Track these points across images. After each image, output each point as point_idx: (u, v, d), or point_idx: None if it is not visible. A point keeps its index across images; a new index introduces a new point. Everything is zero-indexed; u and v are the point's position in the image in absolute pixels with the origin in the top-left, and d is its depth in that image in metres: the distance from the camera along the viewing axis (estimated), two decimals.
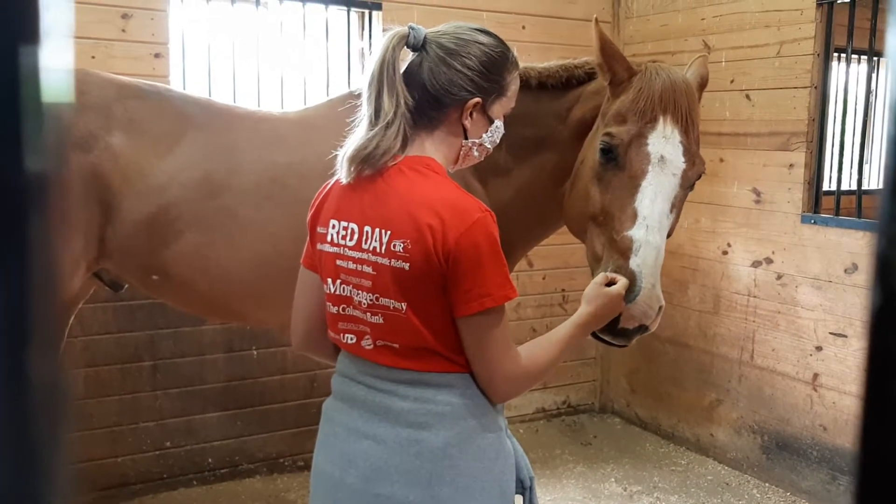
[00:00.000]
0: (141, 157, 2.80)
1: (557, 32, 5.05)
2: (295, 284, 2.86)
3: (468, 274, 1.61)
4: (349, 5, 4.47)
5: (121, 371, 4.06)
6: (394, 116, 1.69)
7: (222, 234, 2.82)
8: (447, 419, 1.69)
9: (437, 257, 1.61)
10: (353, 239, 1.73)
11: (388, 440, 1.70)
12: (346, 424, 1.79)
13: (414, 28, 1.75)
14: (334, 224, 1.78)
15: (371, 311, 1.71)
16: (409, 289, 1.65)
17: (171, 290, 2.94)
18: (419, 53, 1.75)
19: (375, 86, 1.70)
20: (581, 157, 2.55)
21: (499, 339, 1.67)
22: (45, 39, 0.45)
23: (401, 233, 1.65)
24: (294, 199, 2.84)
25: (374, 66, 1.71)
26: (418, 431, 1.69)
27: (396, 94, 1.69)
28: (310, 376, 4.53)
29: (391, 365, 1.72)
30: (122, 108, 2.83)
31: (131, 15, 3.93)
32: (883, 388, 0.50)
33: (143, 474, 4.17)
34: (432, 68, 1.72)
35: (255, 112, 3.15)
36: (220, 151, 2.87)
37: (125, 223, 2.79)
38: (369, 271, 1.70)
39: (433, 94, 1.72)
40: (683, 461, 4.86)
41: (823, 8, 4.12)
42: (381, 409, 1.73)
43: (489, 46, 1.77)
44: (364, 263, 1.70)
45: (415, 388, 1.71)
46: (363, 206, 1.73)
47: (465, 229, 1.61)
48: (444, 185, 1.70)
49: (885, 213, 0.49)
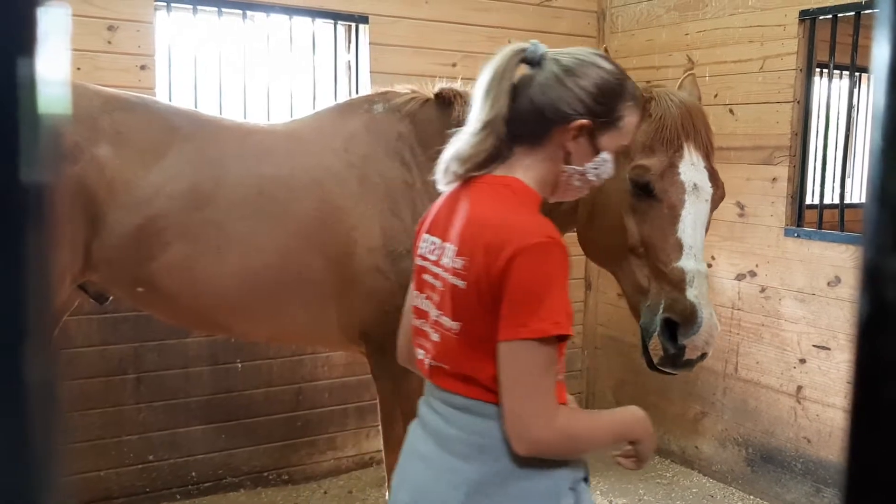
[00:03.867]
0: (127, 169, 2.78)
1: None
2: (280, 298, 2.86)
3: (513, 298, 1.51)
4: (336, 19, 4.48)
5: (104, 384, 4.03)
6: (487, 124, 1.65)
7: (209, 247, 2.81)
8: (487, 454, 1.61)
9: (489, 278, 1.54)
10: (436, 253, 1.71)
11: (434, 465, 1.67)
12: (411, 442, 1.79)
13: (534, 44, 1.71)
14: (426, 238, 1.78)
15: (434, 329, 1.68)
16: (463, 308, 1.60)
17: (157, 302, 2.93)
18: (534, 69, 1.70)
19: (482, 94, 1.68)
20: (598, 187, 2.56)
21: (530, 381, 1.53)
22: (42, 51, 0.45)
23: (463, 250, 1.61)
24: (281, 211, 2.83)
25: (487, 75, 1.68)
26: (459, 461, 1.63)
27: (498, 103, 1.65)
28: (295, 389, 4.51)
29: (444, 387, 1.68)
30: (109, 119, 2.82)
31: (117, 27, 3.92)
32: (871, 397, 0.51)
33: (127, 488, 4.13)
34: (543, 83, 1.66)
35: (243, 124, 3.15)
36: (208, 163, 2.85)
37: (111, 235, 2.77)
38: (440, 287, 1.67)
39: (538, 108, 1.65)
40: (668, 473, 4.87)
41: (806, 23, 4.17)
42: (435, 433, 1.70)
43: (607, 72, 1.69)
44: (438, 278, 1.68)
45: (463, 416, 1.64)
46: (446, 220, 1.71)
47: (520, 251, 1.51)
48: (516, 207, 1.62)
49: (871, 222, 0.50)
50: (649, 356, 2.33)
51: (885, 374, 0.49)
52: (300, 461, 4.57)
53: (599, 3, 5.34)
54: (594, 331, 5.57)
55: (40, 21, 0.45)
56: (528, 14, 5.05)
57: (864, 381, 0.51)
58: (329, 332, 2.97)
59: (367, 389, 4.65)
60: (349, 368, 4.63)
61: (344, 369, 4.63)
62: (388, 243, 2.83)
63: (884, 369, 0.50)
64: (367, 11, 4.53)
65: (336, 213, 2.85)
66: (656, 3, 4.99)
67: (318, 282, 2.85)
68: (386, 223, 2.84)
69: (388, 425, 2.95)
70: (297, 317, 2.92)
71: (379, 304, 2.83)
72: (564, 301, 1.53)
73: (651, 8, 5.03)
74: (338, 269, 2.84)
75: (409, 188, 2.88)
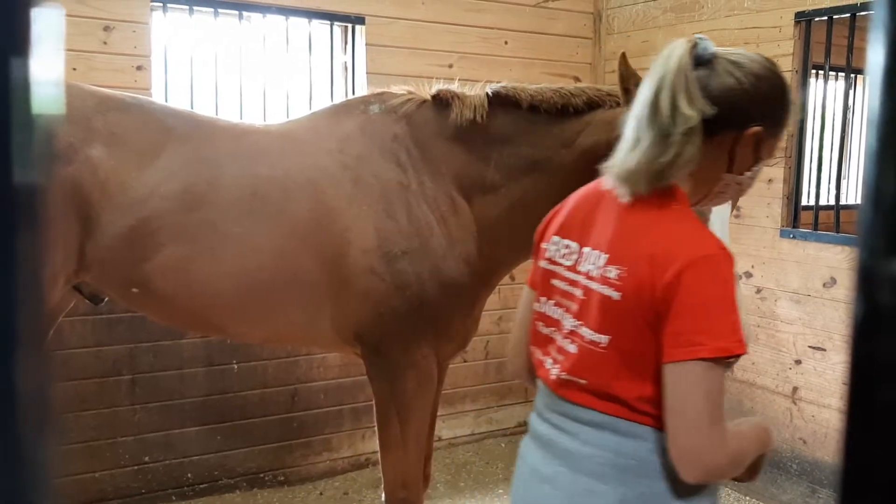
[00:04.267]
0: (121, 170, 2.77)
1: (540, 48, 5.09)
2: (275, 299, 2.86)
3: (684, 314, 1.40)
4: (332, 19, 4.48)
5: (99, 385, 4.02)
6: (695, 126, 1.48)
7: (203, 248, 2.79)
8: (629, 475, 1.50)
9: (653, 291, 1.43)
10: (571, 258, 1.61)
11: (564, 487, 1.56)
12: (531, 464, 1.67)
13: (703, 39, 1.58)
14: (556, 241, 1.67)
15: (570, 339, 1.57)
16: (615, 321, 1.49)
17: (152, 303, 2.92)
18: (706, 67, 1.55)
19: (668, 93, 1.49)
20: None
21: (703, 404, 1.40)
22: (36, 51, 0.45)
23: (619, 258, 1.50)
24: (276, 212, 2.82)
25: (666, 73, 1.52)
26: (595, 482, 1.52)
27: (697, 100, 1.49)
28: (290, 391, 4.51)
29: (578, 402, 1.56)
30: (103, 120, 2.81)
31: (113, 27, 3.92)
32: (866, 399, 0.51)
33: (122, 490, 4.12)
34: (721, 85, 1.52)
35: (238, 125, 3.14)
36: (202, 164, 2.84)
37: (105, 236, 2.76)
38: (579, 295, 1.57)
39: (715, 110, 1.50)
40: None
41: (801, 25, 4.17)
42: (563, 452, 1.58)
43: (779, 77, 1.59)
44: (576, 285, 1.58)
45: (598, 433, 1.53)
46: (588, 225, 1.61)
47: (690, 263, 1.41)
48: (681, 215, 1.52)
49: (866, 225, 0.50)
50: None
51: (880, 375, 0.50)
52: (295, 462, 4.57)
53: (595, 4, 5.34)
54: None
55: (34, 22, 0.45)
56: (524, 15, 5.05)
57: (859, 383, 0.51)
58: (324, 334, 2.97)
59: (362, 390, 4.65)
60: (344, 370, 4.62)
61: (339, 370, 4.63)
62: (383, 244, 2.82)
63: (878, 371, 0.50)
64: (363, 12, 4.53)
65: (330, 214, 2.84)
66: (652, 4, 5.00)
67: (312, 283, 2.85)
68: (381, 224, 2.83)
69: (384, 426, 2.95)
70: (292, 318, 2.92)
71: (373, 306, 2.83)
72: (738, 317, 1.42)
73: (647, 9, 5.04)
74: (332, 270, 2.84)
75: (405, 189, 2.88)
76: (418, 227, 2.85)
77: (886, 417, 0.49)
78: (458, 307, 2.94)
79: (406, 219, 2.83)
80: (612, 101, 2.78)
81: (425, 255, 2.83)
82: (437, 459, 4.80)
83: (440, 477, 4.71)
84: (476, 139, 2.92)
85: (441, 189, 2.92)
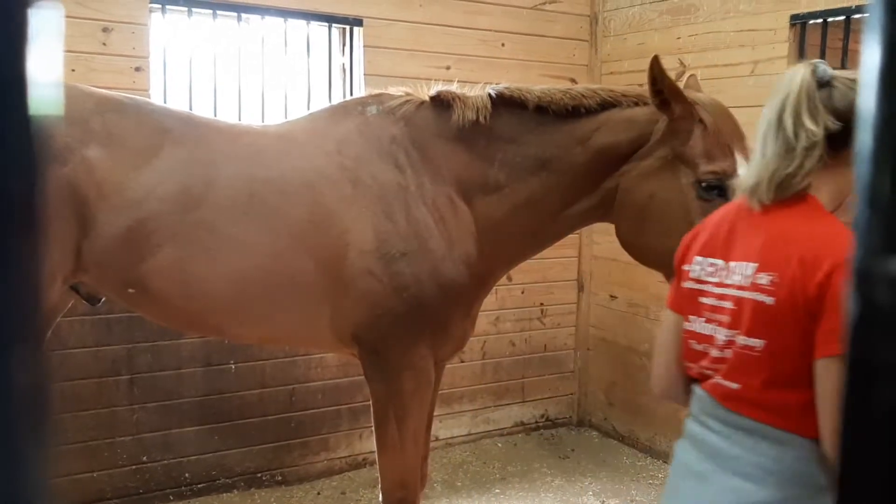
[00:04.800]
0: (118, 171, 2.76)
1: (537, 50, 5.10)
2: (273, 300, 2.85)
3: (838, 311, 1.48)
4: (330, 21, 4.49)
5: (97, 385, 4.03)
6: (818, 140, 1.63)
7: (200, 249, 2.79)
8: (776, 478, 1.62)
9: (805, 292, 1.54)
10: (719, 275, 1.72)
11: (713, 484, 1.68)
12: (684, 461, 1.79)
13: (821, 63, 1.72)
14: (700, 261, 1.78)
15: (724, 348, 1.68)
16: (770, 325, 1.59)
17: (149, 304, 2.91)
18: (826, 88, 1.69)
19: (792, 110, 1.65)
20: (648, 192, 2.65)
21: None
22: (34, 52, 0.46)
23: (769, 265, 1.61)
24: (272, 214, 2.81)
25: (789, 93, 1.67)
26: (743, 482, 1.64)
27: (821, 116, 1.64)
28: (288, 391, 4.51)
29: (731, 408, 1.68)
30: (101, 121, 2.80)
31: (112, 28, 3.92)
32: (862, 397, 0.51)
33: (120, 489, 4.12)
34: (847, 97, 1.65)
35: (235, 126, 3.13)
36: (199, 165, 2.83)
37: (101, 237, 2.75)
38: (729, 306, 1.68)
39: (843, 126, 1.64)
40: (661, 474, 4.88)
41: (796, 28, 4.19)
42: (713, 452, 1.71)
43: None
44: (725, 299, 1.69)
45: (749, 438, 1.65)
46: (730, 242, 1.73)
47: (839, 264, 1.51)
48: (823, 220, 1.64)
49: (861, 225, 0.51)
50: None
51: (877, 374, 0.50)
52: (293, 462, 4.57)
53: (592, 6, 5.35)
54: (586, 332, 5.58)
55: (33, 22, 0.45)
56: (521, 17, 5.06)
57: (856, 382, 0.52)
58: (321, 335, 2.96)
59: (359, 390, 4.65)
60: (342, 370, 4.63)
61: (337, 370, 4.64)
62: (382, 246, 2.82)
63: (875, 370, 0.51)
64: (361, 14, 4.54)
65: (329, 215, 2.83)
66: (649, 7, 5.01)
67: (310, 284, 2.84)
68: (379, 226, 2.83)
69: (381, 426, 2.95)
70: (290, 319, 2.91)
71: (371, 307, 2.83)
72: None
73: (643, 12, 5.05)
74: (330, 271, 2.83)
75: (403, 191, 2.88)
76: (417, 228, 2.84)
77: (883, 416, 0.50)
78: (457, 308, 2.94)
79: (405, 220, 2.83)
80: (627, 101, 2.81)
81: (424, 257, 2.83)
82: (434, 459, 4.81)
83: (437, 477, 4.72)
84: (479, 140, 2.92)
85: (440, 190, 2.92)
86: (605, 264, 5.45)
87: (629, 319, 5.26)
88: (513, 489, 4.64)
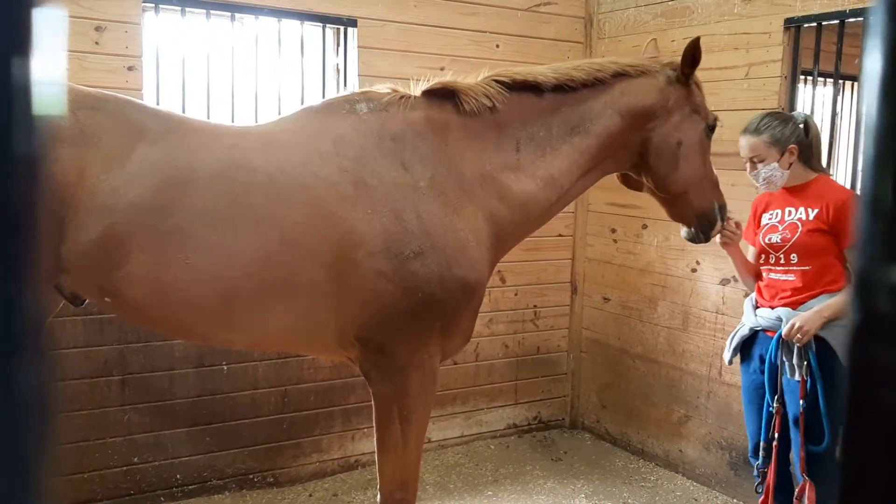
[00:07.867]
0: (89, 172, 2.63)
1: (531, 52, 5.10)
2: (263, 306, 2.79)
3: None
4: (324, 22, 4.48)
5: (89, 385, 4.01)
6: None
7: (177, 257, 2.66)
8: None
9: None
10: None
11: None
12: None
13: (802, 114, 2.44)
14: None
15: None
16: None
17: (128, 312, 2.82)
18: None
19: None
20: (677, 139, 3.21)
21: None
22: (37, 52, 0.45)
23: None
24: (260, 217, 2.71)
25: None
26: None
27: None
28: (281, 392, 4.50)
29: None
30: (73, 118, 2.66)
31: (105, 27, 3.91)
32: (864, 403, 0.52)
33: (111, 490, 4.11)
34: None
35: (217, 127, 3.01)
36: (175, 168, 2.70)
37: (76, 241, 2.63)
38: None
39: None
40: (653, 477, 4.89)
41: (791, 31, 4.20)
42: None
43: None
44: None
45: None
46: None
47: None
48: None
49: (863, 232, 0.51)
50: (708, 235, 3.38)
51: (878, 380, 0.50)
52: (285, 464, 4.56)
53: (587, 8, 5.36)
54: (579, 334, 5.59)
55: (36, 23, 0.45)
56: (516, 19, 5.07)
57: (858, 387, 0.52)
58: (318, 338, 2.89)
59: (352, 392, 4.65)
60: (335, 371, 4.62)
61: (329, 372, 4.63)
62: (393, 247, 2.74)
63: (876, 376, 0.51)
64: (355, 15, 4.53)
65: (329, 217, 2.74)
66: (643, 9, 5.02)
67: (306, 287, 2.76)
68: (389, 226, 2.77)
69: (384, 427, 2.90)
70: (283, 323, 2.82)
71: (381, 308, 2.76)
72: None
73: (638, 14, 5.06)
74: (331, 273, 2.77)
75: (413, 189, 2.80)
76: (429, 226, 2.79)
77: (884, 421, 0.50)
78: (469, 304, 2.92)
79: (416, 219, 2.77)
80: (634, 70, 3.19)
81: (438, 255, 2.79)
82: (427, 461, 4.80)
83: (430, 478, 4.71)
84: (495, 124, 2.99)
85: (452, 184, 2.89)
86: (599, 267, 5.45)
87: (622, 322, 5.27)
88: (505, 491, 4.64)
